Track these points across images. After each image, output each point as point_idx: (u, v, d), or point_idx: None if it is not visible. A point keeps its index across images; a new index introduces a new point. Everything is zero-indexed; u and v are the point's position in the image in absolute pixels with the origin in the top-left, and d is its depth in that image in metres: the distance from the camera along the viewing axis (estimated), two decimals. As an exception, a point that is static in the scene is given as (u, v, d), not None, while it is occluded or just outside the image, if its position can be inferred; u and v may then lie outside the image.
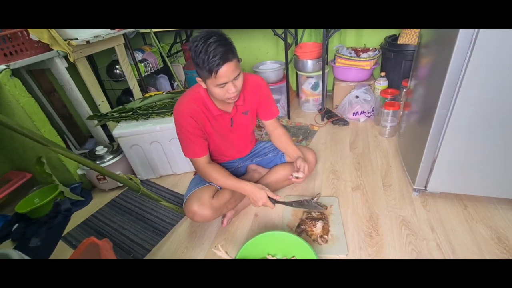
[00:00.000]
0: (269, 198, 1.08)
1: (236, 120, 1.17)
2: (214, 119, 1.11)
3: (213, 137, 1.15)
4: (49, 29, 1.40)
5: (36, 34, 1.37)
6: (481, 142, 1.03)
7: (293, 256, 1.02)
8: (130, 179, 1.08)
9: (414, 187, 1.26)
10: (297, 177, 1.14)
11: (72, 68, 1.59)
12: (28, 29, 1.35)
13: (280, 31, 1.91)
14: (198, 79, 0.98)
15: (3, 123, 0.60)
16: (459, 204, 1.22)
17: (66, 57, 1.53)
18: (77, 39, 1.52)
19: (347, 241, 1.11)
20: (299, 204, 1.18)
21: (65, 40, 1.48)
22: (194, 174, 1.36)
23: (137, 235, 1.30)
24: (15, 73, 1.32)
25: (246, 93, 1.13)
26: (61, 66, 1.52)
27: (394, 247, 1.07)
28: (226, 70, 0.88)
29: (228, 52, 0.88)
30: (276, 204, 1.09)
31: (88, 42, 1.55)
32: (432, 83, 1.11)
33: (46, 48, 1.45)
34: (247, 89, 1.12)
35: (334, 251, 1.08)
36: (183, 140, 1.09)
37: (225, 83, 0.92)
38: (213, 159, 1.24)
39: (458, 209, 1.20)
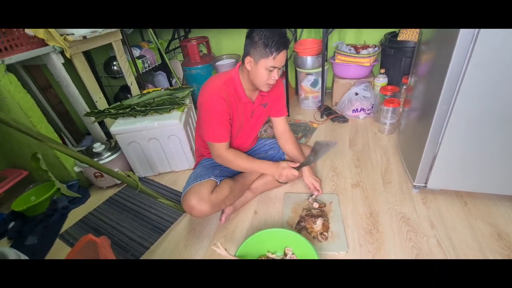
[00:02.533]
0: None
1: (256, 111, 1.22)
2: (241, 106, 1.14)
3: (233, 124, 1.16)
4: (44, 24, 1.37)
5: (31, 29, 1.34)
6: (482, 138, 1.02)
7: (293, 254, 1.02)
8: (128, 176, 1.06)
9: (414, 184, 1.26)
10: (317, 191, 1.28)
11: (69, 64, 1.56)
12: (23, 24, 1.32)
13: (279, 27, 1.89)
14: (248, 58, 1.02)
15: (-3, 117, 0.58)
16: (459, 201, 1.22)
17: (62, 53, 1.50)
18: (73, 34, 1.50)
19: (347, 238, 1.10)
20: (314, 155, 1.21)
21: (61, 35, 1.46)
22: (193, 169, 1.35)
23: (135, 232, 1.29)
24: (10, 68, 1.30)
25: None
26: (57, 61, 1.50)
27: (394, 244, 1.06)
28: (282, 57, 1.00)
29: (288, 43, 1.01)
30: (276, 203, 1.11)
31: (84, 37, 1.53)
32: (433, 80, 1.10)
33: (42, 43, 1.42)
34: None
35: (334, 248, 1.07)
36: (212, 123, 1.08)
37: (274, 68, 1.00)
38: None
39: (458, 206, 1.19)
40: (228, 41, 2.50)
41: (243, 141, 1.32)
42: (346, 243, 1.08)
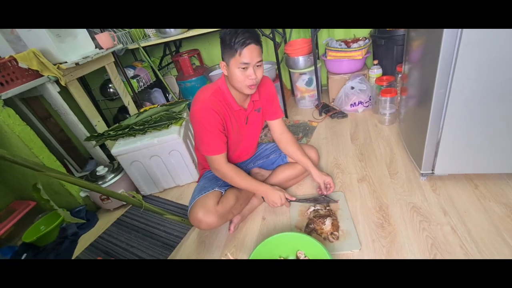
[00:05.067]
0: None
1: (251, 117, 1.20)
2: (233, 115, 1.13)
3: (229, 134, 1.15)
4: (37, 55, 1.40)
5: (25, 61, 1.37)
6: (483, 118, 1.00)
7: (306, 257, 1.00)
8: (133, 196, 1.06)
9: (421, 171, 1.23)
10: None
11: (65, 92, 1.59)
12: (17, 58, 1.35)
13: (267, 31, 1.91)
14: (222, 63, 1.03)
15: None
16: (469, 184, 1.19)
17: (57, 82, 1.53)
18: (66, 62, 1.52)
19: (359, 235, 1.08)
20: (313, 200, 1.24)
21: (54, 64, 1.48)
22: (197, 182, 1.34)
23: (146, 251, 1.28)
24: (8, 102, 1.32)
25: (261, 89, 1.19)
26: (53, 91, 1.52)
27: (407, 236, 1.04)
28: (251, 50, 0.95)
29: (255, 37, 0.96)
30: (283, 207, 1.10)
31: (77, 64, 1.55)
32: (426, 65, 1.09)
33: (37, 74, 1.45)
34: (261, 85, 1.17)
35: (346, 247, 1.05)
36: (205, 135, 1.07)
37: (247, 64, 0.96)
38: None
39: (468, 189, 1.17)
40: (219, 52, 2.51)
41: (245, 149, 1.31)
42: (358, 241, 1.06)
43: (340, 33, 2.20)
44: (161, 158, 1.56)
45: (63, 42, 1.54)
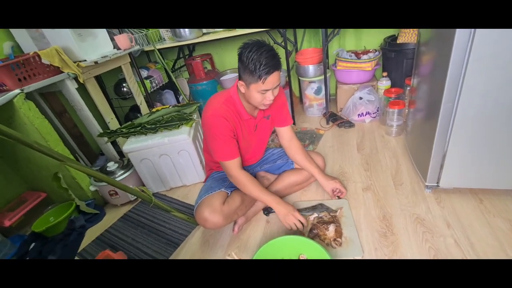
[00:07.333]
0: None
1: (260, 125, 1.23)
2: (243, 123, 1.16)
3: (239, 141, 1.18)
4: (59, 53, 1.47)
5: (47, 58, 1.44)
6: (490, 134, 1.02)
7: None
8: (143, 191, 1.10)
9: (426, 184, 1.24)
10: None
11: (82, 89, 1.65)
12: (40, 54, 1.41)
13: (279, 39, 1.95)
14: (240, 82, 1.04)
15: (21, 141, 0.63)
16: (474, 199, 1.19)
17: (76, 79, 1.59)
18: (85, 60, 1.59)
19: (362, 243, 1.09)
20: (311, 209, 1.26)
21: (74, 62, 1.55)
22: (204, 182, 1.37)
23: (151, 247, 1.31)
24: (29, 96, 1.38)
25: None
26: (72, 87, 1.59)
27: (410, 246, 1.04)
28: (273, 78, 0.98)
29: (278, 63, 0.98)
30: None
31: (96, 62, 1.61)
32: (435, 79, 1.12)
33: (57, 71, 1.51)
34: None
35: (349, 254, 1.06)
36: (217, 142, 1.10)
37: (267, 90, 0.99)
38: None
39: (473, 203, 1.17)
40: (231, 57, 2.58)
41: (253, 155, 1.34)
42: (361, 248, 1.07)
43: (351, 44, 2.24)
44: (170, 157, 1.60)
45: (84, 41, 1.61)
